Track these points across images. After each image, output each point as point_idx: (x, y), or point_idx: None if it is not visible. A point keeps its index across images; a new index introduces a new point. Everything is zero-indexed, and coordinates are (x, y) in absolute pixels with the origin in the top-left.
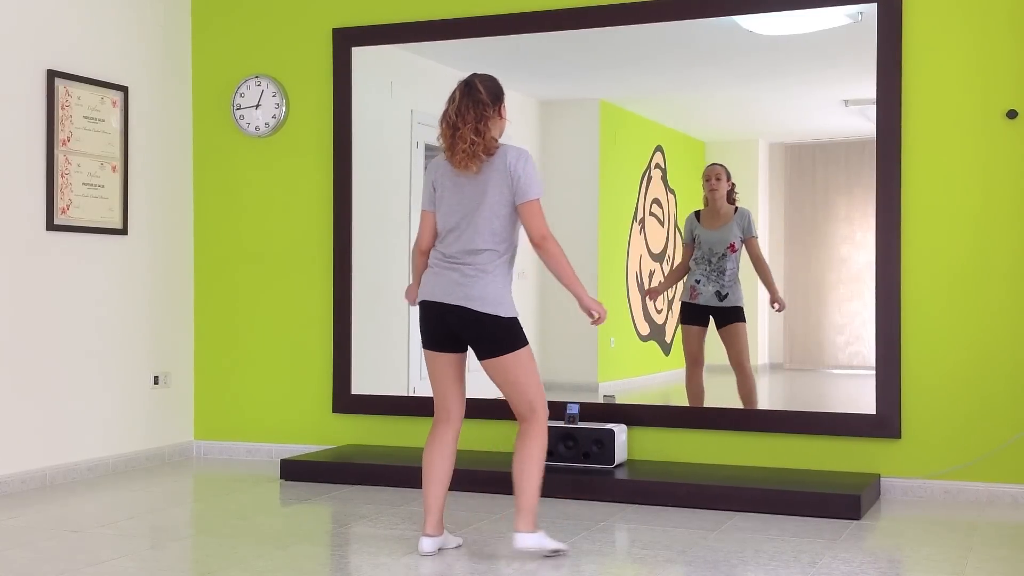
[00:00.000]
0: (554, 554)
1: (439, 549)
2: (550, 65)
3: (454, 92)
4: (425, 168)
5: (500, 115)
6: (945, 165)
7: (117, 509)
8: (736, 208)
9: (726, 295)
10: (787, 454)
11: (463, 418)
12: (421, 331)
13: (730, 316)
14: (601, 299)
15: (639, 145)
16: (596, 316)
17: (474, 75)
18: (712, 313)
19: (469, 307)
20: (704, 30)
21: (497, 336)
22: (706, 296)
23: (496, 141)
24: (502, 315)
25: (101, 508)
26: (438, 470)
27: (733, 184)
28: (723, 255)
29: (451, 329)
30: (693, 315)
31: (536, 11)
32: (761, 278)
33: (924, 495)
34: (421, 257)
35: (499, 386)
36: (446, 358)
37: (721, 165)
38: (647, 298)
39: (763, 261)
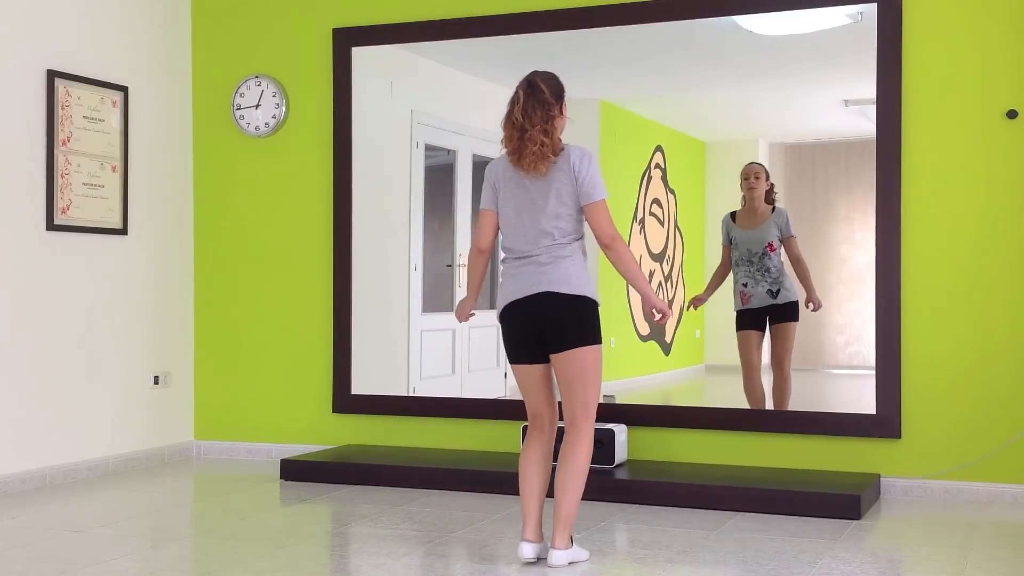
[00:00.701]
0: (585, 563)
1: (539, 558)
2: (550, 65)
3: (517, 93)
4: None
5: (562, 113)
6: (945, 165)
7: (117, 509)
8: (774, 208)
9: (778, 291)
10: (787, 454)
11: (556, 424)
12: (507, 342)
13: (785, 313)
14: (601, 299)
15: (639, 145)
16: (660, 315)
17: (535, 74)
18: (768, 313)
19: (555, 291)
20: (704, 30)
21: (582, 321)
22: (759, 297)
23: (561, 141)
24: (588, 296)
25: (101, 508)
26: (533, 479)
27: (772, 184)
28: (763, 254)
29: (539, 325)
30: (749, 320)
31: (536, 11)
32: (799, 278)
33: (924, 495)
34: (480, 256)
35: (564, 382)
36: (537, 370)
37: (760, 164)
38: (694, 307)
39: (802, 262)
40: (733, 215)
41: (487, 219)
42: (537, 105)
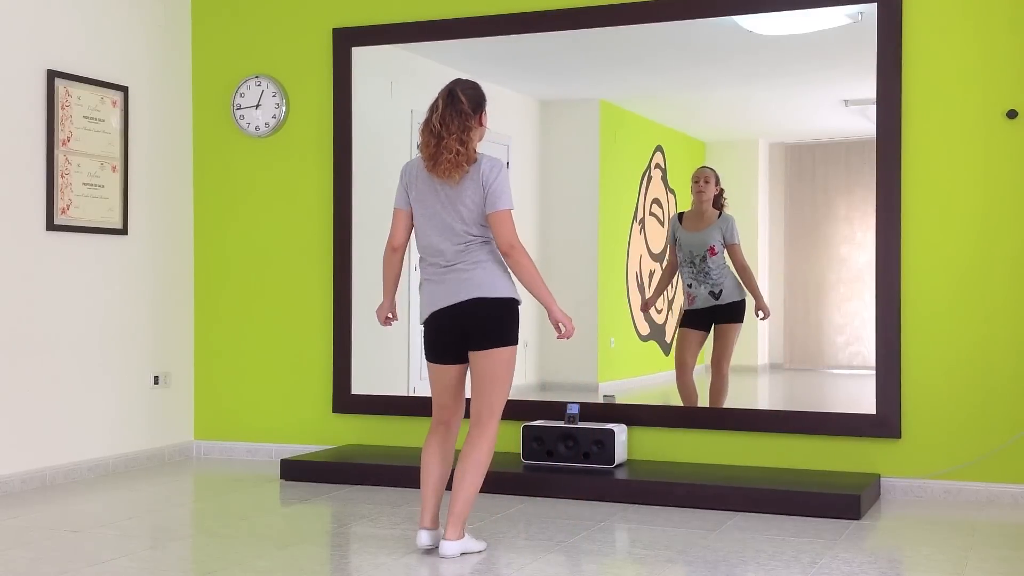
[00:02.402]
0: (478, 553)
1: (435, 544)
2: (550, 65)
3: (436, 101)
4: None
5: (481, 123)
6: (945, 165)
7: (117, 509)
8: (720, 213)
9: (720, 292)
10: (787, 454)
11: (460, 422)
12: (427, 344)
13: (728, 314)
14: (601, 299)
15: (639, 145)
16: (563, 331)
17: (456, 83)
18: (712, 314)
19: (481, 296)
20: (704, 30)
21: (505, 323)
22: (701, 298)
23: (476, 152)
24: (514, 297)
25: (101, 508)
26: (435, 472)
27: (722, 189)
28: (703, 258)
29: (465, 328)
30: (694, 320)
31: (536, 11)
32: (746, 285)
33: (924, 495)
34: (394, 255)
35: (477, 379)
36: (452, 370)
37: (711, 168)
38: (643, 310)
39: (747, 269)
40: (681, 216)
41: (400, 218)
42: (455, 115)
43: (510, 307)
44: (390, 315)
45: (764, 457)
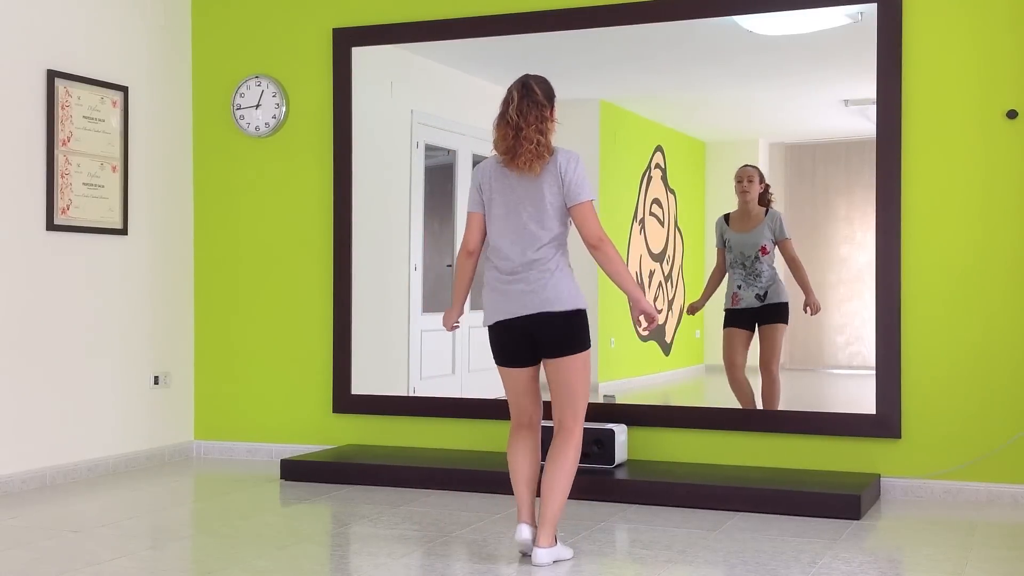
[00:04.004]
0: (568, 561)
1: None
2: (550, 65)
3: (511, 93)
4: (469, 172)
5: (553, 117)
6: (945, 165)
7: (117, 509)
8: (767, 210)
9: (765, 294)
10: (787, 454)
11: (541, 419)
12: (495, 350)
13: (771, 315)
14: (601, 299)
15: (639, 145)
16: (647, 323)
17: (527, 76)
18: (756, 315)
19: (549, 311)
20: (704, 30)
21: (575, 333)
22: (747, 300)
23: (551, 144)
24: (581, 308)
25: (101, 508)
26: (525, 471)
27: (767, 186)
28: (755, 257)
29: (532, 339)
30: (736, 319)
31: (536, 11)
32: (797, 280)
33: (924, 495)
34: (468, 259)
35: (555, 386)
36: (524, 372)
37: (754, 167)
38: (691, 313)
39: (798, 264)
40: (727, 217)
41: (474, 221)
42: (532, 105)
43: (579, 316)
44: (457, 324)
45: (764, 457)
